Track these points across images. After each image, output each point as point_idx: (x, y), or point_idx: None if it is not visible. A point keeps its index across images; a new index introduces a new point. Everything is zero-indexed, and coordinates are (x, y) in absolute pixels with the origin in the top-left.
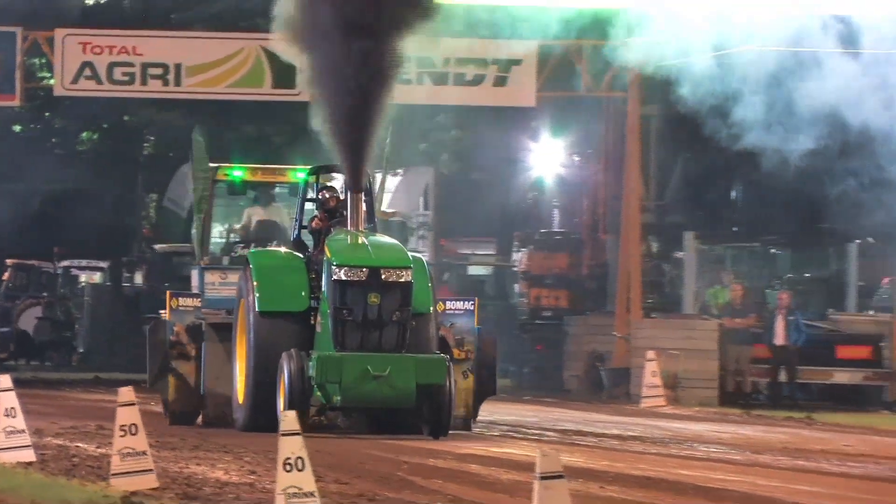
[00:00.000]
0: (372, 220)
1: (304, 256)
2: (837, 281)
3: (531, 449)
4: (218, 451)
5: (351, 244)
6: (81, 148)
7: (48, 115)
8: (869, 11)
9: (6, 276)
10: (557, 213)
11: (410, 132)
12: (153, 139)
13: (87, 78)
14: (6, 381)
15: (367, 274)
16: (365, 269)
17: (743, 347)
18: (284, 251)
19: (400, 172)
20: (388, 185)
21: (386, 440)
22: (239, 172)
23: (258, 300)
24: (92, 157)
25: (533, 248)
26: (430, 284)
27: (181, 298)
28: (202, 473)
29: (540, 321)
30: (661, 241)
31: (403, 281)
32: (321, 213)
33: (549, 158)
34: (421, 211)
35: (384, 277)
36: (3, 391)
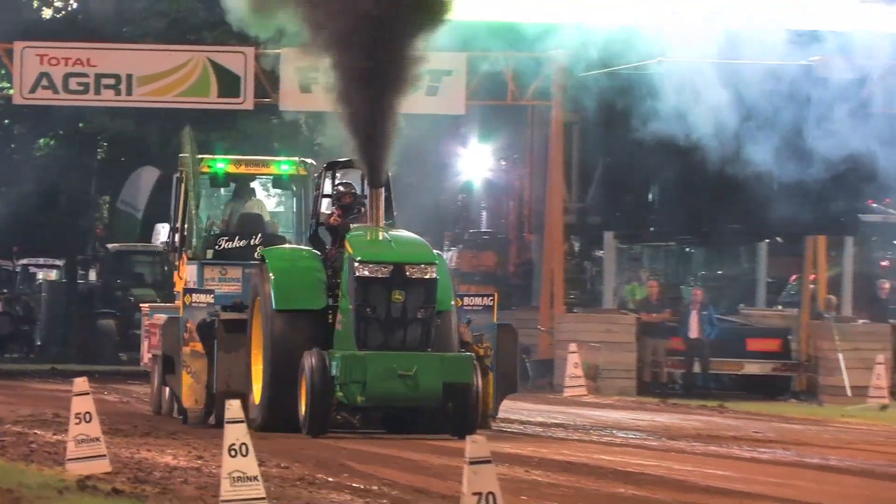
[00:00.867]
0: (391, 215)
1: (320, 253)
2: (748, 278)
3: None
4: (167, 437)
5: (373, 240)
6: (39, 153)
7: (7, 122)
8: (763, 24)
9: None
10: (485, 214)
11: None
12: (106, 145)
13: (44, 87)
14: None
15: (390, 270)
16: (388, 265)
17: (659, 340)
18: (301, 248)
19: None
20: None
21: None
22: (222, 165)
23: (275, 298)
24: (49, 161)
25: (462, 247)
26: (450, 280)
27: (194, 295)
28: (152, 459)
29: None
30: (582, 240)
31: (428, 277)
32: (337, 208)
33: (477, 163)
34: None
35: (408, 274)
36: None
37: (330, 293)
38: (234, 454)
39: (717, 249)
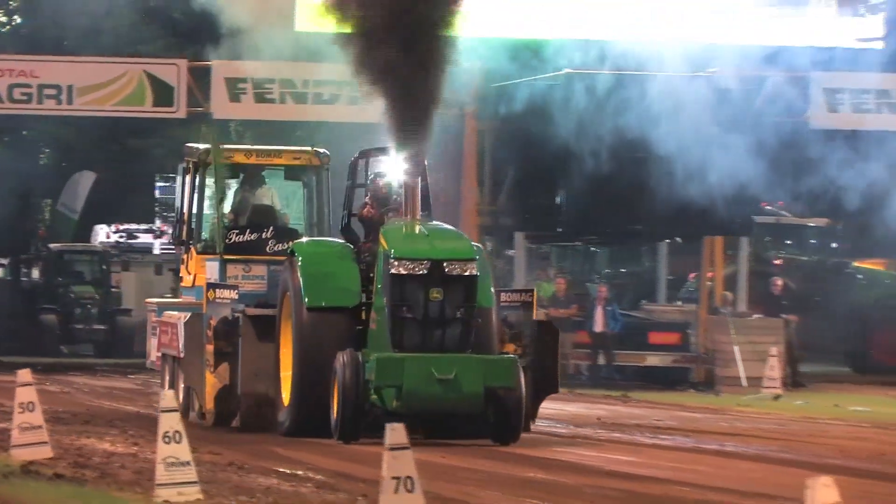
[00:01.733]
0: (427, 207)
1: (353, 247)
2: (649, 276)
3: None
4: (105, 425)
5: (409, 234)
6: None
7: None
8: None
9: None
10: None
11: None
12: (48, 151)
13: None
14: None
15: (428, 267)
16: (426, 261)
17: (566, 334)
18: (333, 240)
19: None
20: None
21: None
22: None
23: (306, 295)
24: None
25: None
26: (490, 275)
27: (218, 290)
28: (91, 445)
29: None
30: (494, 240)
31: (468, 274)
32: (371, 200)
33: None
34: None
35: (447, 270)
36: None
37: (363, 289)
38: (168, 441)
39: (620, 249)
